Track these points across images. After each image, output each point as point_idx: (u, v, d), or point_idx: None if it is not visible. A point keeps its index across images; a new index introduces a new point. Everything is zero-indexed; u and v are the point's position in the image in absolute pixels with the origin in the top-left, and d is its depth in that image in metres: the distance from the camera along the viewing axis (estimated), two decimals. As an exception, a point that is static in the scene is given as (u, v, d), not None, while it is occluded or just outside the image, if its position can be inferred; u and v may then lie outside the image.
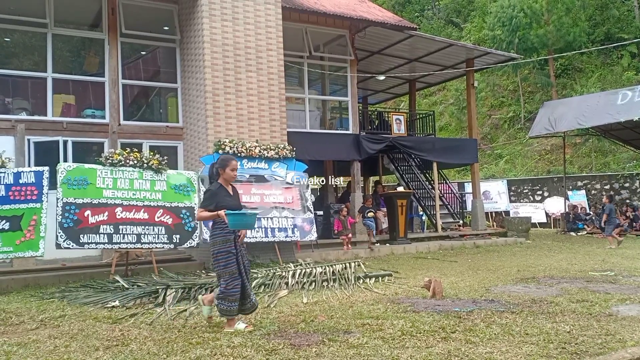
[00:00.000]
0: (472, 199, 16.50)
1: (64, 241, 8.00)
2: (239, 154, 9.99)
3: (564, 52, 23.66)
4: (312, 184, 13.47)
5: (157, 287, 6.88)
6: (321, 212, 13.42)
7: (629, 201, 19.74)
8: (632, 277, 7.84)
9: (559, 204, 20.69)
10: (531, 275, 8.29)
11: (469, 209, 17.60)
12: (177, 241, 8.90)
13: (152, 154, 9.48)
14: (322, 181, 16.41)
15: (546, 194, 22.46)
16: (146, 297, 6.68)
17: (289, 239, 10.12)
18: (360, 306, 6.01)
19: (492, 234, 15.58)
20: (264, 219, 9.75)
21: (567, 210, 19.06)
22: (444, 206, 16.74)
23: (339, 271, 7.99)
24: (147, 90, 12.84)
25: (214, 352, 4.21)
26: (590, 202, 20.67)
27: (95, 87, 11.57)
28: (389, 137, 15.07)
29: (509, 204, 21.50)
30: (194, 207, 9.13)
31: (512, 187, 23.10)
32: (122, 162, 8.80)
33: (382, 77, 17.65)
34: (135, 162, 8.91)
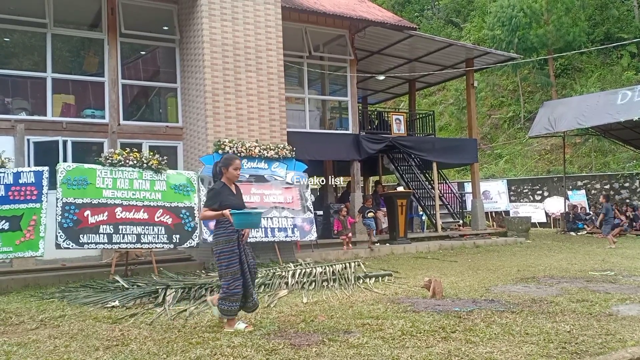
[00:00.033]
0: (472, 198, 16.50)
1: (63, 241, 8.00)
2: (238, 154, 9.97)
3: (564, 52, 23.67)
4: (312, 184, 13.47)
5: (157, 287, 6.87)
6: (321, 212, 13.43)
7: (628, 201, 19.74)
8: (632, 277, 7.84)
9: (558, 203, 20.70)
10: (531, 275, 8.29)
11: (469, 208, 17.60)
12: (177, 241, 8.89)
13: (151, 154, 9.47)
14: (322, 181, 16.41)
15: (546, 194, 22.47)
16: (146, 297, 6.67)
17: (288, 239, 10.12)
18: (360, 306, 6.01)
19: (492, 234, 15.58)
20: (264, 218, 9.74)
21: (567, 210, 19.07)
22: (443, 206, 16.74)
23: (339, 271, 7.99)
24: (146, 90, 12.83)
25: (214, 352, 4.21)
26: (590, 202, 20.67)
27: (94, 87, 11.57)
28: (388, 137, 15.07)
29: (508, 204, 21.50)
30: (194, 207, 9.14)
31: (512, 187, 23.10)
32: (122, 162, 8.80)
33: (381, 77, 17.64)
34: (135, 162, 8.91)
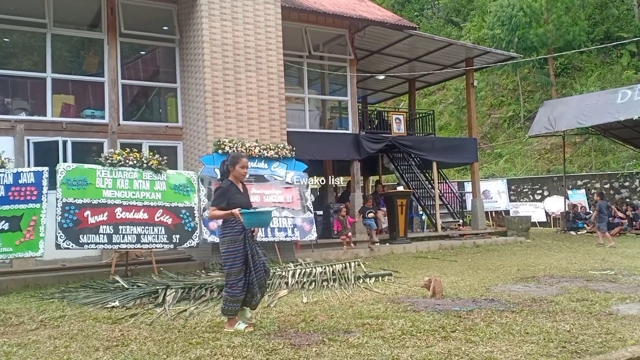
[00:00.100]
0: (472, 198, 16.49)
1: (63, 241, 7.99)
2: (239, 154, 9.98)
3: (564, 51, 23.66)
4: (311, 184, 13.47)
5: (157, 287, 6.87)
6: (321, 212, 13.42)
7: (628, 200, 19.73)
8: (632, 276, 7.84)
9: (558, 203, 20.69)
10: (531, 274, 8.29)
11: (469, 208, 17.60)
12: (177, 241, 8.89)
13: (151, 154, 9.48)
14: (322, 181, 16.41)
15: (546, 193, 22.47)
16: (146, 298, 6.67)
17: (288, 239, 10.12)
18: (360, 306, 6.01)
19: (492, 233, 15.58)
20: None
21: (567, 209, 19.07)
22: (443, 206, 16.73)
23: (338, 271, 7.98)
24: (146, 90, 12.83)
25: (214, 352, 4.21)
26: (590, 201, 20.63)
27: (94, 87, 11.57)
28: (388, 136, 15.06)
29: (508, 203, 21.49)
30: (194, 207, 9.14)
31: (512, 187, 23.09)
32: (122, 162, 8.79)
33: (381, 77, 17.63)
34: (134, 162, 8.91)
